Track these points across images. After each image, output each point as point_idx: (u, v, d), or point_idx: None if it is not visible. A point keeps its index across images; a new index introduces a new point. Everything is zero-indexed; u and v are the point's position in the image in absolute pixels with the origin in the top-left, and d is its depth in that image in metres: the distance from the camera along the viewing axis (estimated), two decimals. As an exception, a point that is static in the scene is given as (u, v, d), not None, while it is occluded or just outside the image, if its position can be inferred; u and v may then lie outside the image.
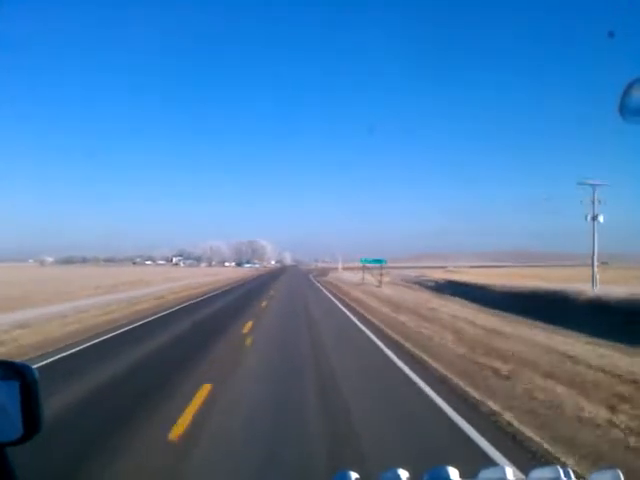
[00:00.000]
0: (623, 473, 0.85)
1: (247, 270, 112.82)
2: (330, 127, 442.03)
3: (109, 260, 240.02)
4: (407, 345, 11.76)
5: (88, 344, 12.28)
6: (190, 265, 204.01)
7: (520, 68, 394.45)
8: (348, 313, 20.03)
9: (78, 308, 20.86)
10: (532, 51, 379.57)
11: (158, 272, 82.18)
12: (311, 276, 70.65)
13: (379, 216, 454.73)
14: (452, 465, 0.92)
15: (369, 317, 18.18)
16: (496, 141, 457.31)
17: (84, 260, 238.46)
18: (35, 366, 1.19)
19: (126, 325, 16.07)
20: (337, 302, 26.18)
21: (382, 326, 15.46)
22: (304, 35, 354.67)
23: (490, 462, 4.46)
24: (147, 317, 18.45)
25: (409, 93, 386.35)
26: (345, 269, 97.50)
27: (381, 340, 12.74)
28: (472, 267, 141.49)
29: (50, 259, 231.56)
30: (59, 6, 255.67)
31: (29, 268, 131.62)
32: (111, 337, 13.68)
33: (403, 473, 0.94)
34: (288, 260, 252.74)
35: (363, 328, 15.28)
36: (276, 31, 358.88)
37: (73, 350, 11.38)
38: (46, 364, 9.61)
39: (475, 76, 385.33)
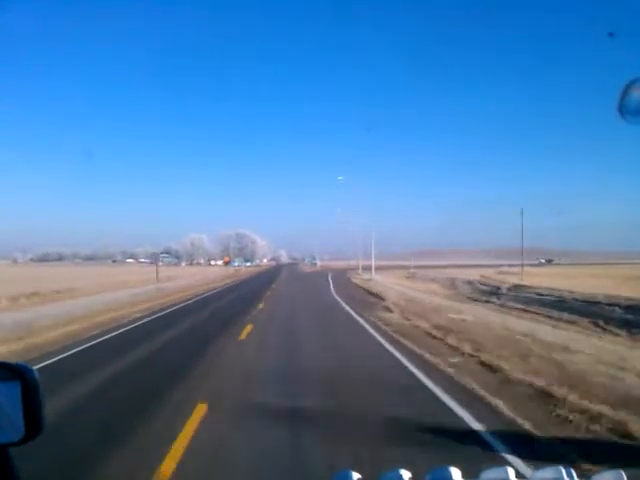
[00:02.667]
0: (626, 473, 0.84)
1: (225, 272, 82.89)
2: (326, 121, 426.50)
3: (90, 258, 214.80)
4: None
5: None
6: (169, 264, 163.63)
7: (520, 67, 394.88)
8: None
9: None
10: (531, 51, 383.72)
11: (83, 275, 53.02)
12: (334, 291, 33.44)
13: (376, 214, 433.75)
14: (454, 465, 0.89)
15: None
16: (495, 140, 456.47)
17: (60, 258, 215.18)
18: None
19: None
20: None
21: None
22: (302, 32, 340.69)
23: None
24: None
25: (409, 91, 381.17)
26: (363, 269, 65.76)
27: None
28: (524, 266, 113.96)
29: (24, 257, 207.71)
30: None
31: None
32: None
33: (405, 473, 0.91)
34: (284, 258, 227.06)
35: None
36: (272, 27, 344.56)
37: None
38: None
39: (474, 76, 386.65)
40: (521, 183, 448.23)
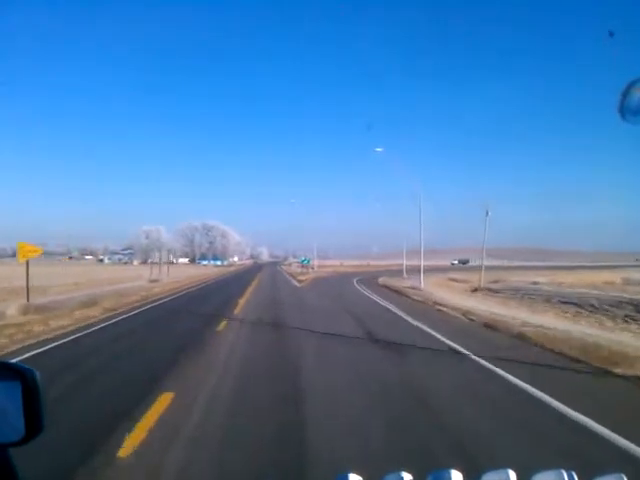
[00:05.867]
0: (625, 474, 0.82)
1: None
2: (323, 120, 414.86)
3: (48, 254, 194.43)
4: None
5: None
6: (118, 262, 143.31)
7: (520, 67, 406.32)
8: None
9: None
10: (531, 50, 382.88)
11: None
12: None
13: (368, 212, 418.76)
14: (455, 469, 0.88)
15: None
16: (495, 139, 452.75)
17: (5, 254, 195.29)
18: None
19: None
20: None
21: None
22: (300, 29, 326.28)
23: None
24: None
25: (412, 88, 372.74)
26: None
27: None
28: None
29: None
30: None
31: None
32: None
33: (406, 476, 0.91)
34: (265, 256, 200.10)
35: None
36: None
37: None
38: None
39: (474, 75, 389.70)
40: (523, 183, 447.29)
